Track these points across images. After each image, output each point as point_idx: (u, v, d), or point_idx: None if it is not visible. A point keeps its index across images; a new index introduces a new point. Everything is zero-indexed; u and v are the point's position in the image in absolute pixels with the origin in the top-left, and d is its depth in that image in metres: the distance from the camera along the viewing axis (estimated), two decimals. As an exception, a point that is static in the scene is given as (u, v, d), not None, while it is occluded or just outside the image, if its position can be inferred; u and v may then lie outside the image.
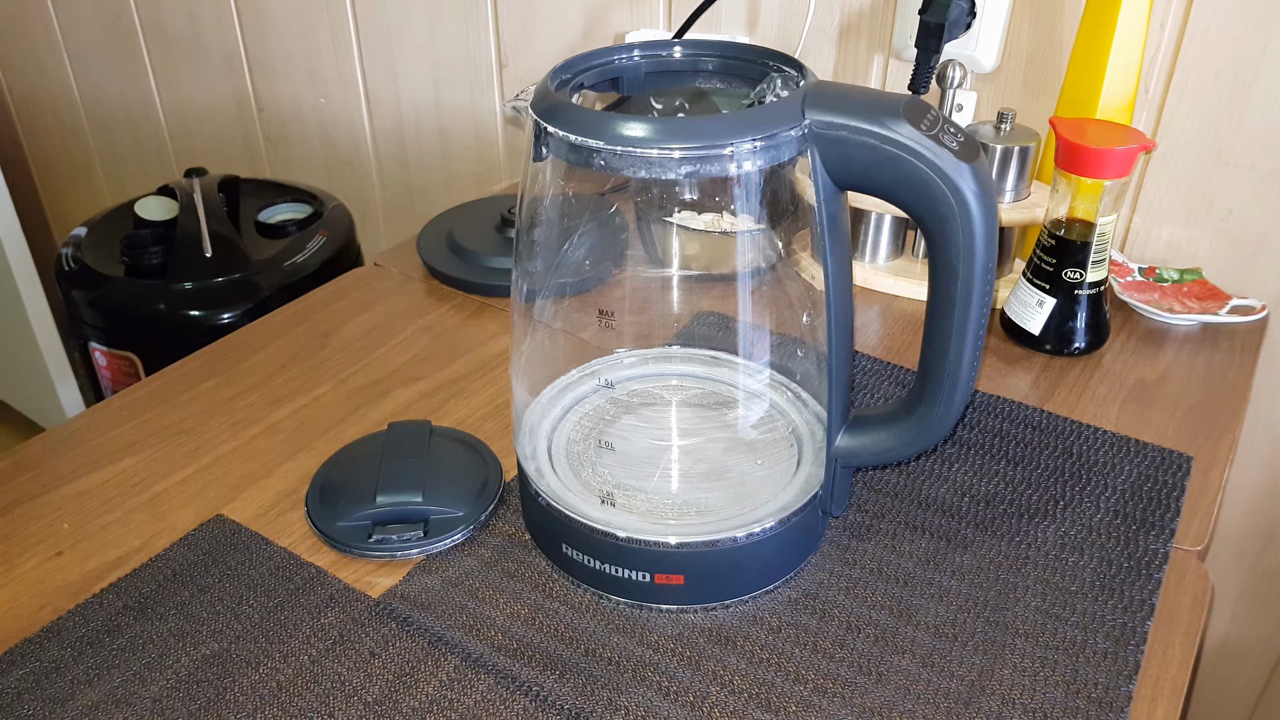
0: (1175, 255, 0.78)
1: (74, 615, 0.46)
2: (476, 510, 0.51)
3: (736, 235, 0.47)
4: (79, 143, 1.60)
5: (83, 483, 0.55)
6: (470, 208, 0.83)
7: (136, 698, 0.42)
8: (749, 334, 0.50)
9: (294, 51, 1.22)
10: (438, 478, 0.52)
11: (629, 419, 0.54)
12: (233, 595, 0.48)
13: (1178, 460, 0.56)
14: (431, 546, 0.50)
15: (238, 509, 0.53)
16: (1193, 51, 0.72)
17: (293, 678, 0.43)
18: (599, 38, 0.98)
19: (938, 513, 0.53)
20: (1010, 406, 0.61)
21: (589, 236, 0.53)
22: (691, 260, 0.57)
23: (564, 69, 0.45)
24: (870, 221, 0.75)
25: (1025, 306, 0.67)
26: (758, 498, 0.48)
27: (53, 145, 1.66)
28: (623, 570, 0.46)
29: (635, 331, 0.56)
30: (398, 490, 0.51)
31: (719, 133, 0.39)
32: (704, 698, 0.43)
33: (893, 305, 0.74)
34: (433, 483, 0.52)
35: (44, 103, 1.60)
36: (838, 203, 0.42)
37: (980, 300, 0.41)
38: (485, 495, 0.52)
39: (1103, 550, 0.50)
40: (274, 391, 0.63)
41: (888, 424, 0.47)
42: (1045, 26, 0.76)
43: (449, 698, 0.42)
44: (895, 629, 0.46)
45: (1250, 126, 0.72)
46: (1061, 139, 0.62)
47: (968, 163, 0.38)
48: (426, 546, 0.50)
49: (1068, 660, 0.44)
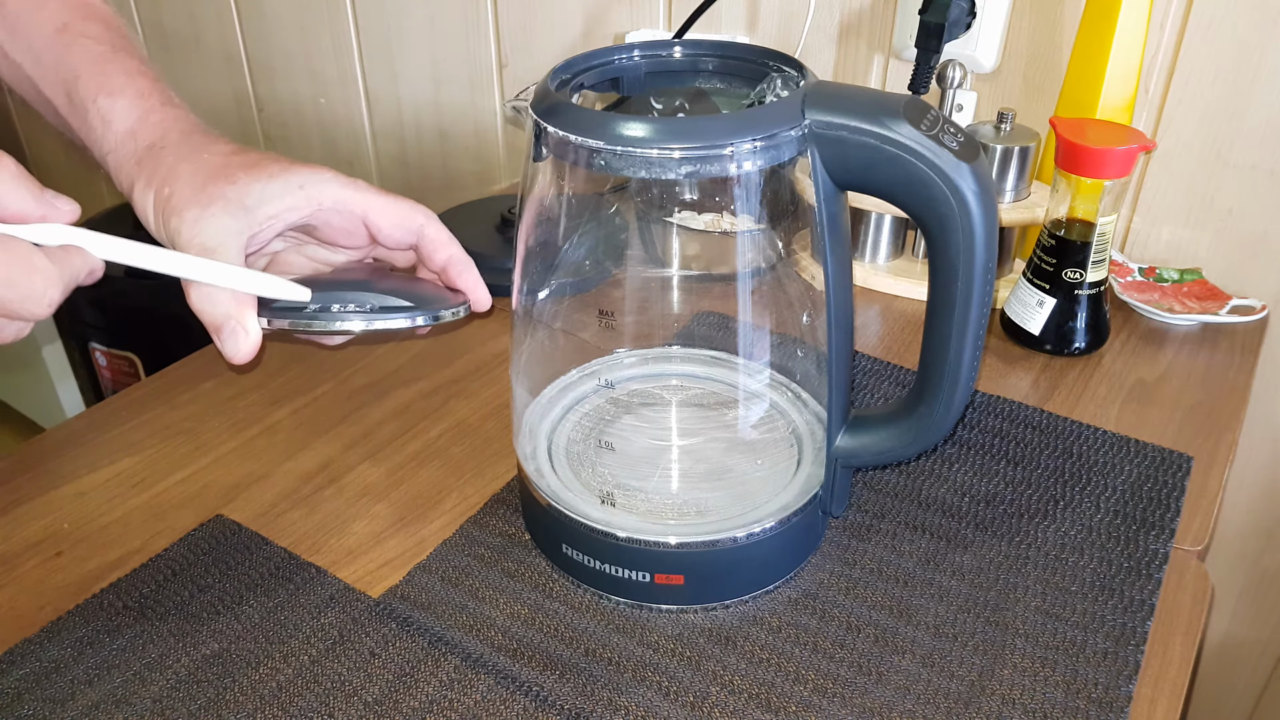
0: (1175, 255, 0.78)
1: (74, 615, 0.46)
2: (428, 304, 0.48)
3: (736, 235, 0.47)
4: (79, 143, 1.60)
5: (83, 483, 0.55)
6: (470, 208, 0.83)
7: (136, 698, 0.42)
8: (749, 334, 0.50)
9: (294, 51, 1.22)
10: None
11: (629, 419, 0.54)
12: (232, 595, 0.48)
13: (1178, 460, 0.56)
14: (375, 320, 0.46)
15: (238, 509, 0.53)
16: (1193, 51, 0.72)
17: (293, 678, 0.43)
18: (599, 38, 0.98)
19: (938, 513, 0.53)
20: (1010, 406, 0.61)
21: (589, 236, 0.53)
22: (691, 260, 0.57)
23: (564, 69, 0.45)
24: (870, 221, 0.75)
25: (1025, 306, 0.67)
26: (758, 498, 0.48)
27: (53, 145, 1.66)
28: (623, 570, 0.46)
29: (635, 331, 0.56)
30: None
31: (719, 133, 0.39)
32: (704, 698, 0.43)
33: (893, 305, 0.74)
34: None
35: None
36: (838, 203, 0.42)
37: (980, 300, 0.41)
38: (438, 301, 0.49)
39: (1103, 550, 0.50)
40: (274, 391, 0.63)
41: (888, 424, 0.47)
42: (1045, 26, 0.76)
43: (449, 698, 0.42)
44: (895, 629, 0.46)
45: (1250, 126, 0.72)
46: (1061, 139, 0.62)
47: (968, 163, 0.38)
48: (370, 319, 0.46)
49: (1068, 660, 0.44)
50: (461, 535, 0.51)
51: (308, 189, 0.48)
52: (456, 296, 0.51)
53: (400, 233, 0.50)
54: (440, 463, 0.57)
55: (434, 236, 0.51)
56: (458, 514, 0.53)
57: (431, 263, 0.51)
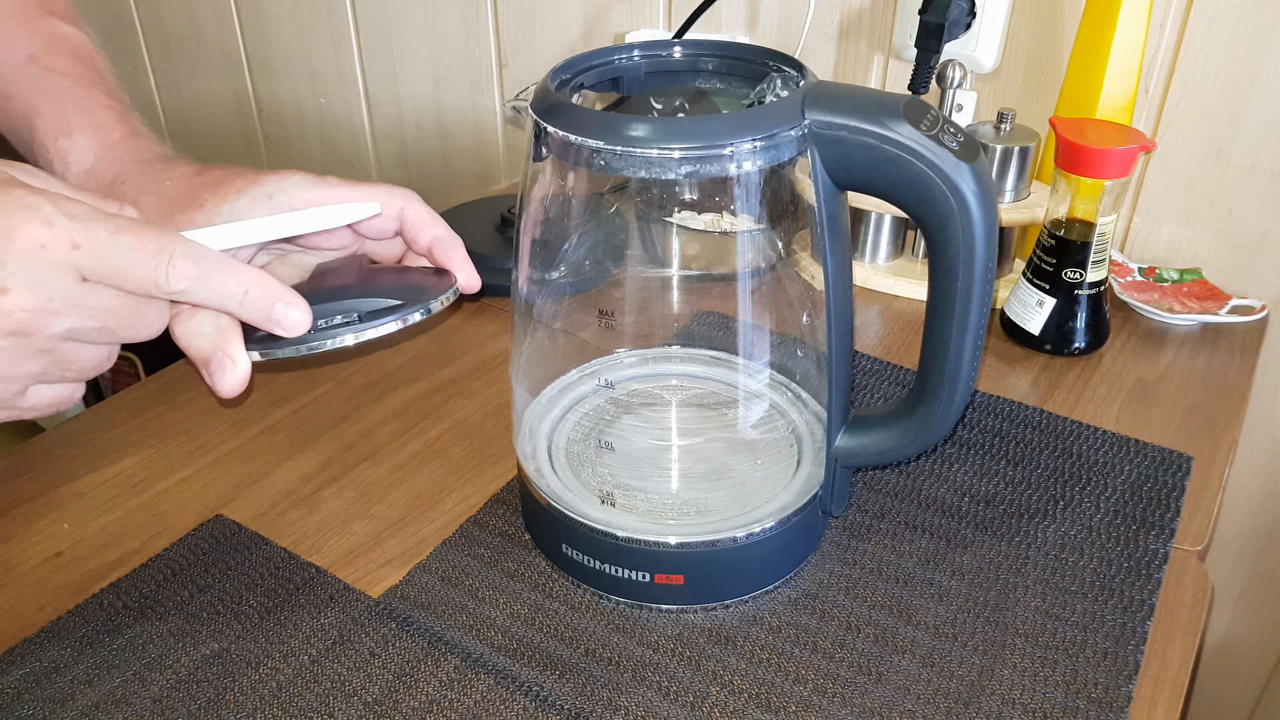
0: (1175, 255, 0.78)
1: (74, 615, 0.46)
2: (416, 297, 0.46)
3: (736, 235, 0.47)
4: (79, 143, 1.60)
5: (83, 483, 0.55)
6: (470, 208, 0.83)
7: (136, 698, 0.42)
8: (749, 334, 0.50)
9: (294, 51, 1.22)
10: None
11: (629, 419, 0.54)
12: (232, 595, 0.48)
13: (1178, 460, 0.56)
14: (365, 330, 0.44)
15: (237, 509, 0.53)
16: (1193, 51, 0.72)
17: (293, 678, 0.43)
18: (599, 38, 0.98)
19: (938, 513, 0.53)
20: (1010, 406, 0.61)
21: (589, 236, 0.53)
22: (691, 260, 0.57)
23: (564, 69, 0.45)
24: (870, 221, 0.75)
25: (1025, 306, 0.67)
26: (758, 498, 0.48)
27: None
28: (622, 570, 0.46)
29: (635, 331, 0.56)
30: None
31: (719, 133, 0.39)
32: (704, 698, 0.43)
33: (893, 305, 0.74)
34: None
35: (44, 103, 1.60)
36: (838, 203, 0.42)
37: (980, 300, 0.41)
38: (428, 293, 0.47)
39: (1103, 550, 0.50)
40: (274, 391, 0.63)
41: (888, 424, 0.47)
42: (1045, 26, 0.76)
43: (449, 698, 0.42)
44: (895, 629, 0.46)
45: (1250, 126, 0.72)
46: (1061, 139, 0.62)
47: (968, 163, 0.38)
48: (360, 330, 0.44)
49: (1068, 660, 0.44)
50: (461, 535, 0.51)
51: (276, 197, 0.46)
52: (444, 281, 0.48)
53: (381, 221, 0.48)
54: (440, 463, 0.57)
55: (415, 217, 0.49)
56: (458, 514, 0.53)
57: (416, 244, 0.49)
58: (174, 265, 0.37)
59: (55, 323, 0.37)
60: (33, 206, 0.35)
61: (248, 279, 0.40)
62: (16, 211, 0.35)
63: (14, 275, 0.35)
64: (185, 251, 0.38)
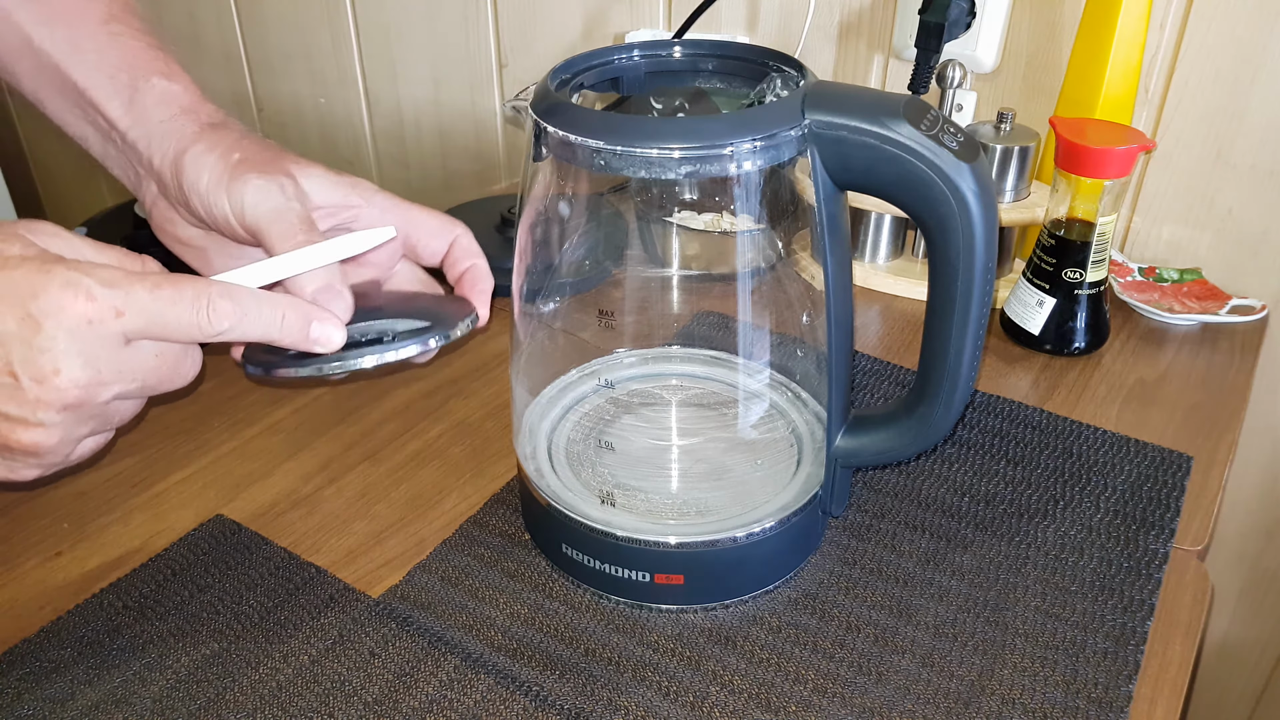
0: (1175, 255, 0.78)
1: (74, 615, 0.46)
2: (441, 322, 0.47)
3: (736, 235, 0.47)
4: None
5: (83, 483, 0.55)
6: (470, 208, 0.83)
7: (136, 698, 0.42)
8: (749, 334, 0.50)
9: (294, 51, 1.22)
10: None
11: (629, 419, 0.54)
12: (232, 595, 0.48)
13: (1178, 460, 0.56)
14: (386, 352, 0.44)
15: (237, 509, 0.53)
16: (1193, 51, 0.72)
17: (293, 678, 0.43)
18: (599, 38, 0.98)
19: (938, 513, 0.53)
20: (1010, 406, 0.61)
21: (589, 236, 0.53)
22: (691, 260, 0.57)
23: (564, 69, 0.45)
24: (870, 221, 0.75)
25: (1025, 306, 0.67)
26: (758, 498, 0.48)
27: (52, 145, 1.66)
28: (622, 570, 0.46)
29: (635, 331, 0.56)
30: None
31: (719, 133, 0.39)
32: (704, 698, 0.43)
33: (893, 305, 0.74)
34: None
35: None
36: (838, 203, 0.42)
37: (980, 300, 0.41)
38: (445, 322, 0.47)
39: (1103, 550, 0.50)
40: (274, 391, 0.63)
41: (888, 424, 0.47)
42: (1045, 26, 0.76)
43: (449, 698, 0.42)
44: (895, 629, 0.46)
45: (1250, 126, 0.72)
46: (1061, 139, 0.62)
47: (968, 163, 0.38)
48: (381, 352, 0.44)
49: (1068, 660, 0.44)
50: (461, 535, 0.51)
51: (359, 189, 0.49)
52: (461, 308, 0.49)
53: (438, 242, 0.51)
54: (440, 463, 0.57)
55: (468, 245, 0.51)
56: (457, 514, 0.53)
57: (454, 268, 0.51)
58: (214, 307, 0.39)
59: (105, 392, 0.38)
60: (75, 283, 0.37)
61: (282, 304, 0.42)
62: (61, 291, 0.37)
63: (65, 353, 0.37)
64: (220, 292, 0.39)
